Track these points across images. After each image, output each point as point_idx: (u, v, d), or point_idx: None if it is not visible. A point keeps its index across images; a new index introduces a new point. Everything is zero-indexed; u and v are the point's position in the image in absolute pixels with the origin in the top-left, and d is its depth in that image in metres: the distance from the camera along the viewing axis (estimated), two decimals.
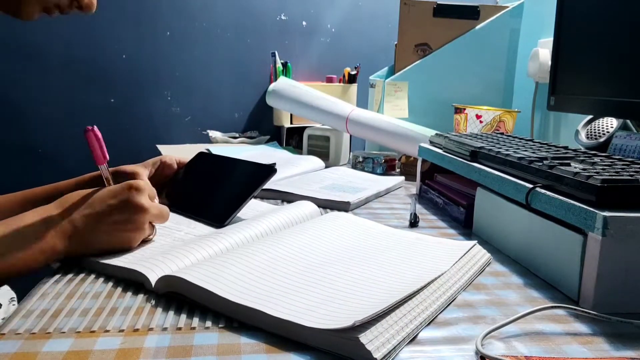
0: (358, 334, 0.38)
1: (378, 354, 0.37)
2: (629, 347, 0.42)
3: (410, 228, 0.74)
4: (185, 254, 0.53)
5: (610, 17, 0.83)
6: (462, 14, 1.28)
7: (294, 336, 0.41)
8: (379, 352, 0.37)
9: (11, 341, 0.40)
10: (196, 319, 0.44)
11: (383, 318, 0.41)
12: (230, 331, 0.42)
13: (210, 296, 0.45)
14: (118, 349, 0.39)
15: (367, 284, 0.48)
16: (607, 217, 0.46)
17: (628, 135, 0.85)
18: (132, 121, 1.62)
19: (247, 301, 0.44)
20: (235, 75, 1.72)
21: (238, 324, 0.44)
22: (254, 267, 0.51)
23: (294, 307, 0.43)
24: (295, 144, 1.58)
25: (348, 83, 1.59)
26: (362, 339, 0.37)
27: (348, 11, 1.74)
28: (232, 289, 0.46)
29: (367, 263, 0.54)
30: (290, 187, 0.90)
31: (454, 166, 0.81)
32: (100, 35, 1.58)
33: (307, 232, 0.62)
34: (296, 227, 0.64)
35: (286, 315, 0.41)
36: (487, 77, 1.32)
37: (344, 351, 0.38)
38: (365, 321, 0.38)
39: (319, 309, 0.42)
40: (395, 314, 0.42)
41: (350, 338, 0.38)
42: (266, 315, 0.42)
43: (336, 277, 0.50)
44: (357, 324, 0.38)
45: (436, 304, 0.46)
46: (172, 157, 0.80)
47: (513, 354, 0.40)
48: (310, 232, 0.62)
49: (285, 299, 0.45)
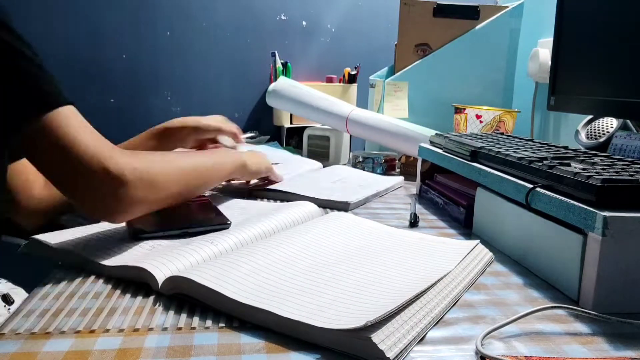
0: (370, 333, 0.38)
1: (390, 353, 0.37)
2: (629, 347, 0.42)
3: (410, 228, 0.74)
4: (190, 252, 0.53)
5: (610, 17, 0.83)
6: (462, 14, 1.28)
7: (304, 336, 0.41)
8: (391, 352, 0.38)
9: (11, 341, 0.40)
10: (196, 319, 0.44)
11: (393, 318, 0.41)
12: (230, 331, 0.43)
13: (218, 297, 0.45)
14: (118, 349, 0.39)
15: (374, 284, 0.48)
16: (607, 217, 0.46)
17: (628, 135, 0.85)
18: (132, 121, 1.61)
19: (256, 302, 0.44)
20: (235, 75, 1.71)
21: (238, 323, 0.44)
22: (260, 267, 0.51)
23: (304, 307, 0.43)
24: (295, 144, 1.58)
25: (348, 83, 1.59)
26: (374, 339, 0.37)
27: (348, 11, 1.74)
28: (240, 289, 0.46)
29: (372, 263, 0.54)
30: (290, 187, 0.90)
31: (454, 166, 0.81)
32: (100, 35, 1.58)
33: (311, 231, 0.62)
34: (300, 227, 0.64)
35: (297, 315, 0.41)
36: (487, 77, 1.32)
37: (355, 351, 0.38)
38: (377, 321, 0.39)
39: (328, 309, 0.42)
40: (405, 313, 0.42)
41: (362, 338, 0.38)
42: (276, 316, 0.42)
43: (343, 277, 0.50)
44: (369, 323, 0.38)
45: (443, 304, 0.47)
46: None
47: (513, 354, 0.40)
48: (314, 232, 0.62)
49: (293, 299, 0.45)
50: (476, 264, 0.57)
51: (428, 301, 0.45)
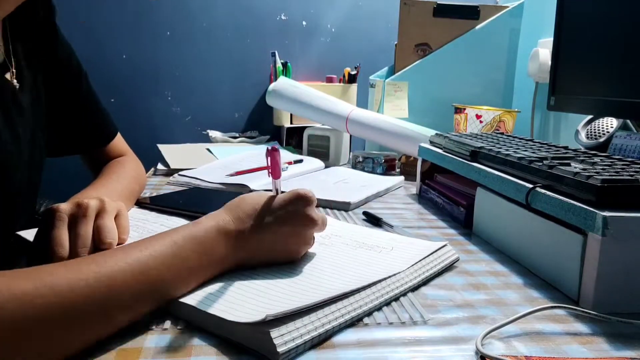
0: (271, 328, 0.38)
1: (283, 348, 0.38)
2: (629, 347, 0.42)
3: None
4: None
5: (610, 17, 0.83)
6: (462, 14, 1.28)
7: (221, 331, 0.41)
8: (285, 347, 0.38)
9: None
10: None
11: (305, 316, 0.41)
12: None
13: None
14: (118, 349, 0.39)
15: (300, 282, 0.48)
16: (607, 217, 0.46)
17: (628, 135, 0.85)
18: (132, 121, 1.61)
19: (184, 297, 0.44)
20: (235, 75, 1.71)
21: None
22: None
23: (224, 302, 0.43)
24: (295, 144, 1.58)
25: (348, 83, 1.59)
26: (272, 333, 0.38)
27: (348, 11, 1.74)
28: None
29: (314, 262, 0.54)
30: (290, 187, 0.90)
31: (454, 166, 0.81)
32: (100, 35, 1.58)
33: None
34: None
35: (215, 310, 0.42)
36: (487, 77, 1.32)
37: (255, 345, 0.39)
38: (277, 317, 0.39)
39: (247, 305, 0.43)
40: (317, 314, 0.42)
41: (263, 332, 0.38)
42: (195, 310, 0.42)
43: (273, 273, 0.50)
44: (269, 318, 0.38)
45: (369, 305, 0.46)
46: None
47: (513, 354, 0.40)
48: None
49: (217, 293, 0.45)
50: (434, 265, 0.56)
51: (351, 302, 0.45)
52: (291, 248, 0.53)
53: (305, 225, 0.52)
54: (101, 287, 0.38)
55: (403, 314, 0.47)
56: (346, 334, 0.43)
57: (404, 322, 0.45)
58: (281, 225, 0.51)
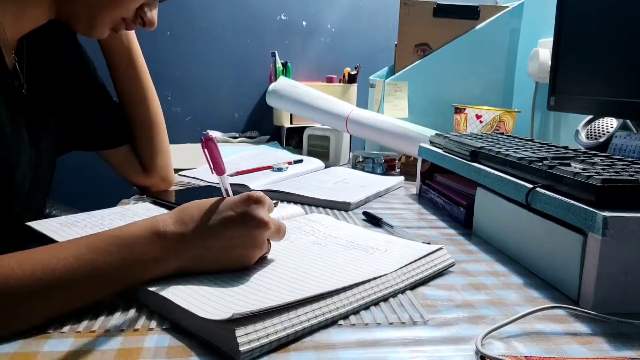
0: (237, 326, 0.38)
1: (246, 347, 0.37)
2: (629, 347, 0.42)
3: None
4: None
5: (610, 17, 0.83)
6: (462, 14, 1.28)
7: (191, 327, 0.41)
8: (247, 346, 0.37)
9: (11, 341, 0.40)
10: None
11: (276, 316, 0.40)
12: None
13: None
14: (118, 349, 0.39)
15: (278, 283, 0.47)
16: (607, 217, 0.46)
17: (628, 135, 0.85)
18: None
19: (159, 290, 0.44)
20: (235, 75, 1.71)
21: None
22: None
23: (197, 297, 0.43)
24: (295, 144, 1.58)
25: (348, 83, 1.59)
26: (237, 332, 0.37)
27: (348, 11, 1.74)
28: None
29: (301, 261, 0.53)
30: (290, 188, 0.90)
31: (454, 166, 0.81)
32: None
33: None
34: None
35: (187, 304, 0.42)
36: (487, 77, 1.32)
37: (221, 343, 0.39)
38: (244, 315, 0.38)
39: (219, 303, 0.42)
40: (289, 314, 0.41)
41: (228, 329, 0.38)
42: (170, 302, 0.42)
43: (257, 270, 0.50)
44: (236, 316, 0.38)
45: (348, 307, 0.45)
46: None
47: (513, 354, 0.40)
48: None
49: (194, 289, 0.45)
50: (426, 269, 0.55)
51: (329, 304, 0.44)
52: (240, 252, 0.49)
53: (256, 228, 0.48)
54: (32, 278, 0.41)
55: (403, 314, 0.47)
56: (346, 334, 0.43)
57: (404, 322, 0.45)
58: (229, 227, 0.48)
